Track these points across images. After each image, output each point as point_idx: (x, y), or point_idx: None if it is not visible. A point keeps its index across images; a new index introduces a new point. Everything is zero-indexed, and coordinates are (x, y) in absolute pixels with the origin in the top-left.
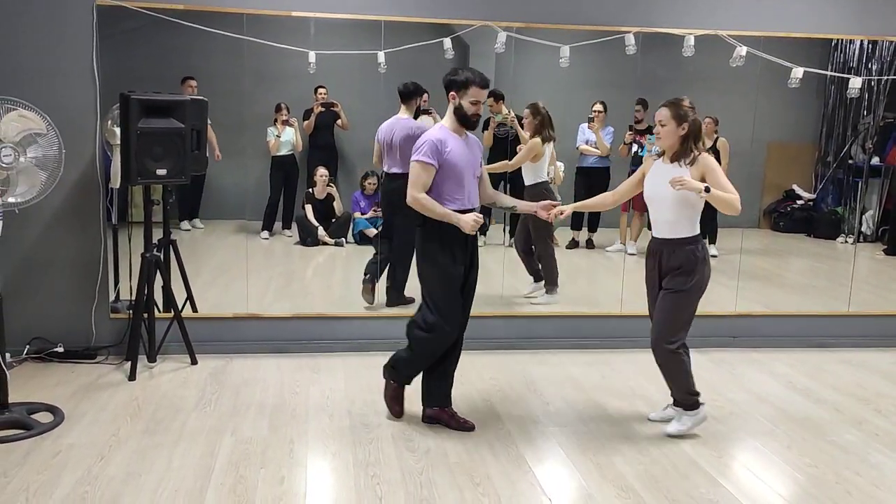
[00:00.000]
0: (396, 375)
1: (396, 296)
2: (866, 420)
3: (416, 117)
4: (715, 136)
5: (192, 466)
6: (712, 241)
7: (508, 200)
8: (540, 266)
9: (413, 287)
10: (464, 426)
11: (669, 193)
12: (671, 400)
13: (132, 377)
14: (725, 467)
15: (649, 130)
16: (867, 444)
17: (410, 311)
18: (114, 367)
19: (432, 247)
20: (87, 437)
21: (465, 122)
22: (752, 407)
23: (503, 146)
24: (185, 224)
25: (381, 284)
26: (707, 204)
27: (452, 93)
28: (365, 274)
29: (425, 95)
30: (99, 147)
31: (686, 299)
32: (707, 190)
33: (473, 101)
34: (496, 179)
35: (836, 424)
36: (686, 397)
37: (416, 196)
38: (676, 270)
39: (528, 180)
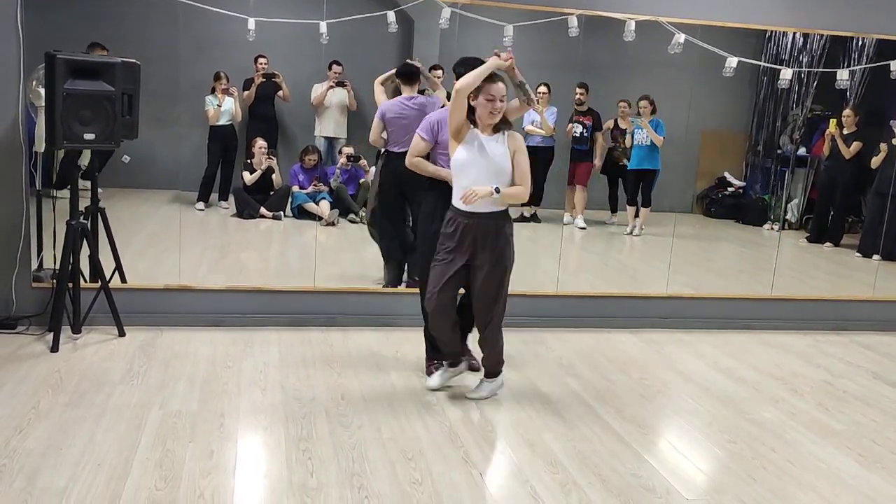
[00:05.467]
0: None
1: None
2: (783, 399)
3: (394, 96)
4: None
5: (117, 440)
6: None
7: None
8: None
9: None
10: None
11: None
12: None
13: (55, 348)
14: (650, 443)
15: (590, 112)
16: (783, 422)
17: (348, 285)
18: (35, 337)
19: (429, 208)
20: (5, 409)
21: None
22: (678, 386)
23: None
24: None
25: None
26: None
27: None
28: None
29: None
30: (22, 108)
31: (506, 274)
32: (497, 191)
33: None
34: None
35: (754, 403)
36: (498, 366)
37: (410, 160)
38: (494, 246)
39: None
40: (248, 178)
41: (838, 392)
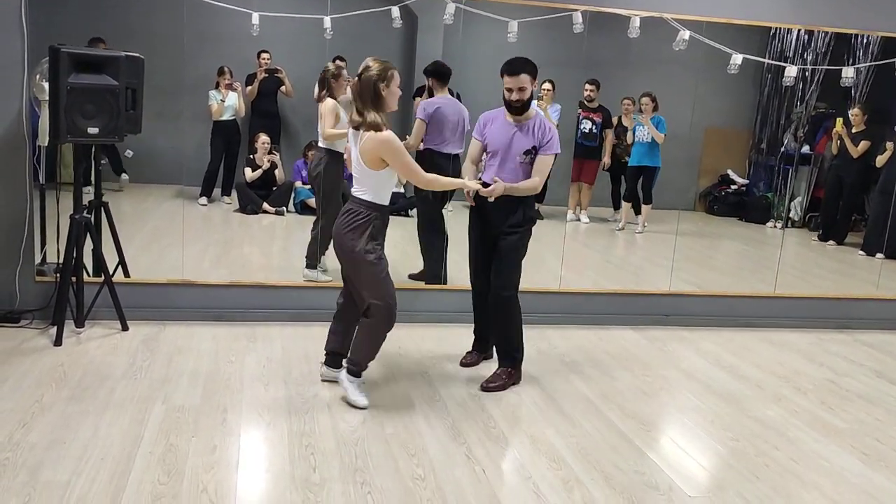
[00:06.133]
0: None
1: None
2: (785, 397)
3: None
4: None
5: (120, 434)
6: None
7: None
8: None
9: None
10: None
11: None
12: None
13: (58, 342)
14: (653, 440)
15: (600, 108)
16: (786, 420)
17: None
18: (39, 331)
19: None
20: (9, 402)
21: (506, 105)
22: (680, 383)
23: None
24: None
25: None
26: None
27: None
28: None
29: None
30: (26, 102)
31: None
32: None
33: (508, 87)
34: None
35: (757, 401)
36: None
37: (463, 165)
38: None
39: None
40: (249, 175)
41: (841, 390)
